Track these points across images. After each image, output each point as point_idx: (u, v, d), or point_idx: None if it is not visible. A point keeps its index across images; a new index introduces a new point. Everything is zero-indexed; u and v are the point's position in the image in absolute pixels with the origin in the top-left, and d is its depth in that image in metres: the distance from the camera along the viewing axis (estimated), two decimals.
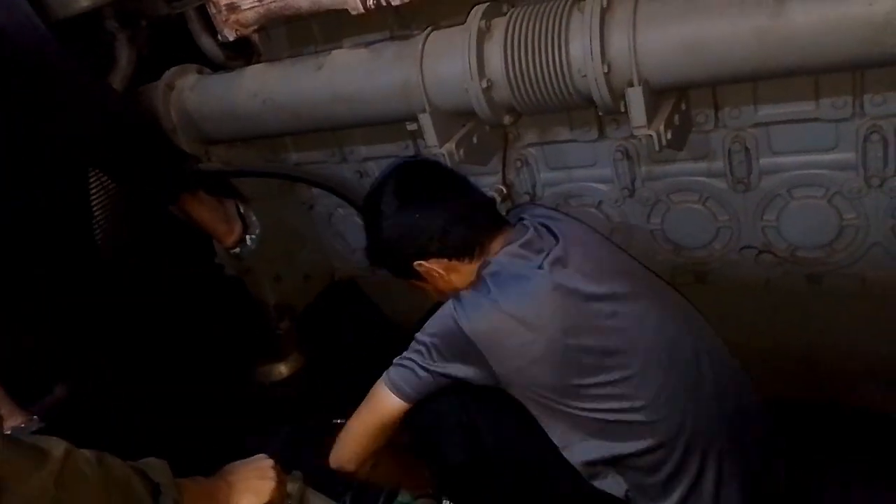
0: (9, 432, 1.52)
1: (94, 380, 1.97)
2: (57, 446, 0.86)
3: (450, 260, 1.38)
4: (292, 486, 1.34)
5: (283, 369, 2.23)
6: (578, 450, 1.35)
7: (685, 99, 1.51)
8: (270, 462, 1.20)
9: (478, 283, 1.34)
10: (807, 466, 1.54)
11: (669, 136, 1.40)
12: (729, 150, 1.57)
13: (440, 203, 1.39)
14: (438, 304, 1.39)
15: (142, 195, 1.93)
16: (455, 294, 1.35)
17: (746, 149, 1.55)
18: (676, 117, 1.46)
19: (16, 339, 1.68)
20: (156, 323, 2.02)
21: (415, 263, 1.39)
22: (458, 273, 1.39)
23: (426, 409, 1.39)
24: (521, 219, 1.47)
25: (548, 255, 1.33)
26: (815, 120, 1.45)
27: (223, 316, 2.16)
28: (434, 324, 1.35)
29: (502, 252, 1.36)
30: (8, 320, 1.62)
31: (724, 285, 1.73)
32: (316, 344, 2.31)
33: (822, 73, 1.37)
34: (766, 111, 1.49)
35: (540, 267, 1.31)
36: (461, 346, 1.30)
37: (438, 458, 1.49)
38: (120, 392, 1.99)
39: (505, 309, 1.27)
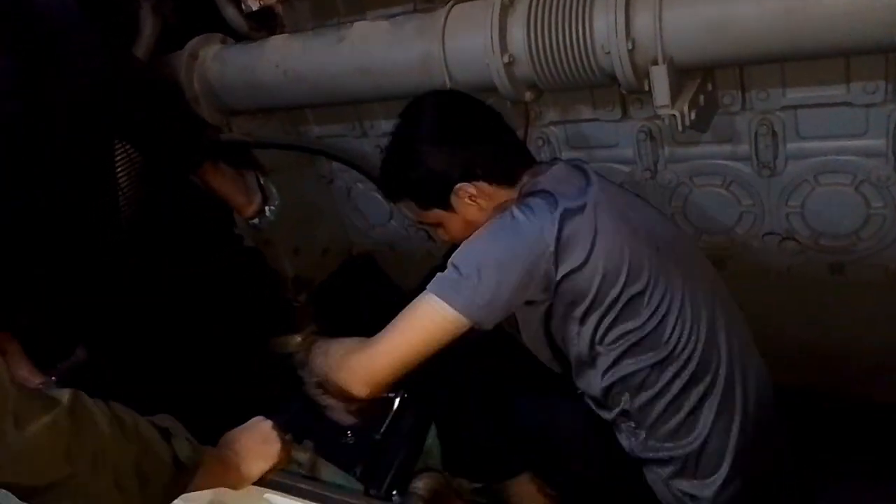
0: None
1: (112, 345, 2.00)
2: (62, 392, 0.89)
3: (491, 184, 1.33)
4: (303, 456, 1.35)
5: (298, 341, 2.24)
6: (597, 374, 1.34)
7: (711, 79, 1.48)
8: (269, 423, 1.21)
9: (528, 198, 1.30)
10: (811, 462, 1.52)
11: (693, 116, 1.37)
12: (755, 134, 1.54)
13: (483, 128, 1.36)
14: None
15: (164, 164, 1.94)
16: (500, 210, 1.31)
17: (773, 132, 1.52)
18: (701, 98, 1.43)
19: (37, 304, 1.71)
20: (174, 290, 2.04)
21: (457, 187, 1.32)
22: (493, 200, 1.34)
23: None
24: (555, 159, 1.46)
25: (588, 184, 1.32)
26: (845, 105, 1.42)
27: (241, 286, 2.17)
28: (488, 241, 1.27)
29: (547, 175, 1.33)
30: (30, 286, 1.64)
31: (744, 271, 1.70)
32: (332, 318, 2.31)
33: (854, 56, 1.33)
34: (795, 94, 1.45)
35: (588, 186, 1.31)
36: (531, 248, 1.23)
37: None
38: (137, 358, 2.02)
39: (572, 207, 1.25)
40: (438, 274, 1.28)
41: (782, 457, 1.44)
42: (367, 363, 1.30)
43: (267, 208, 2.00)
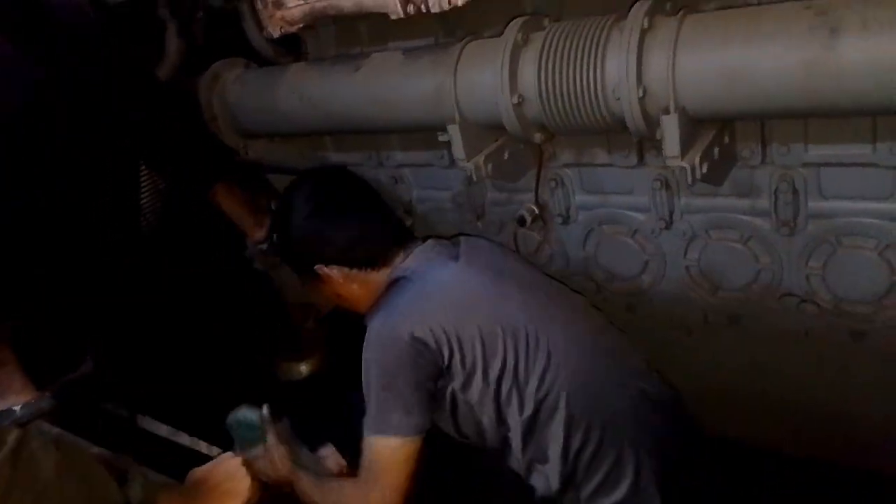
0: (17, 408, 1.55)
1: (119, 359, 2.01)
2: (10, 432, 0.87)
3: (350, 269, 1.45)
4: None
5: (302, 369, 2.22)
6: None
7: (729, 131, 1.42)
8: (238, 460, 1.18)
9: (390, 291, 1.42)
10: None
11: (705, 169, 1.31)
12: (775, 190, 1.46)
13: (349, 215, 1.47)
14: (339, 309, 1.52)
15: (177, 183, 1.95)
16: (368, 311, 1.44)
17: (794, 189, 1.44)
18: (716, 150, 1.37)
19: (40, 309, 1.72)
20: (182, 306, 2.05)
21: (315, 267, 1.46)
22: (358, 281, 1.46)
23: None
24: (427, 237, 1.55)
25: (454, 257, 1.44)
26: (871, 165, 1.34)
27: (247, 308, 2.16)
28: (371, 367, 1.37)
29: (414, 255, 1.45)
30: (30, 288, 1.65)
31: (759, 332, 1.62)
32: (339, 345, 2.29)
33: (880, 116, 1.26)
34: (818, 151, 1.38)
35: (449, 262, 1.42)
36: (406, 352, 1.33)
37: None
38: (141, 373, 2.02)
39: (427, 301, 1.36)
40: (364, 418, 1.38)
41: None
42: None
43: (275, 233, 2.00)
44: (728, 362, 1.72)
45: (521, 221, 1.74)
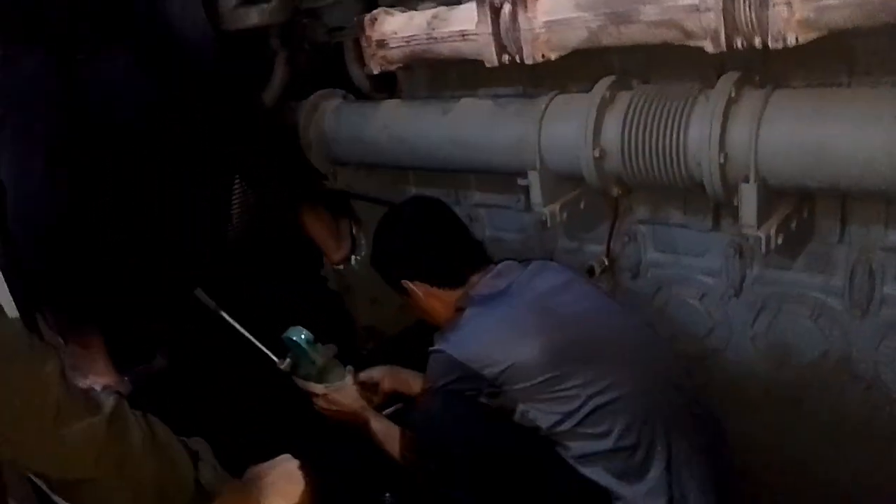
0: (98, 387, 1.65)
1: (191, 361, 2.11)
2: (108, 398, 0.94)
3: (431, 286, 1.55)
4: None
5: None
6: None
7: (808, 206, 1.42)
8: (296, 463, 1.22)
9: (458, 315, 1.52)
10: None
11: (780, 241, 1.32)
12: (851, 270, 1.45)
13: (435, 238, 1.57)
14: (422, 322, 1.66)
15: (270, 200, 2.07)
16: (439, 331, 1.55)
17: (871, 272, 1.43)
18: (794, 223, 1.38)
19: (127, 300, 1.83)
20: (253, 321, 2.14)
21: (402, 281, 1.57)
22: (437, 298, 1.57)
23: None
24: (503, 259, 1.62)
25: (523, 280, 1.50)
26: None
27: (318, 324, 2.24)
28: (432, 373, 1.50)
29: (483, 282, 1.53)
30: (121, 281, 1.76)
31: (821, 413, 1.58)
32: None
33: None
34: None
35: (509, 287, 1.49)
36: (457, 370, 1.42)
37: (440, 450, 1.50)
38: (210, 377, 2.11)
39: (484, 334, 1.44)
40: None
41: None
42: None
43: (353, 257, 2.08)
44: (786, 441, 1.68)
45: (591, 272, 1.76)
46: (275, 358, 1.77)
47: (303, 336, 1.73)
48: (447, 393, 1.45)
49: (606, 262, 1.79)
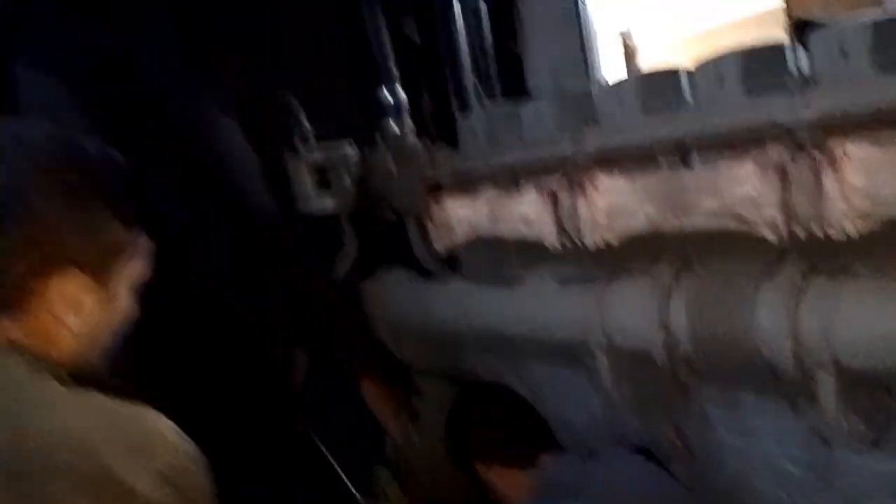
0: None
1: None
2: None
3: (502, 467, 1.68)
4: None
5: None
6: None
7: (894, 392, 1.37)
8: None
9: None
10: None
11: (862, 428, 1.26)
12: None
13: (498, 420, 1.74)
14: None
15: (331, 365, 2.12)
16: None
17: None
18: (878, 410, 1.32)
19: None
20: None
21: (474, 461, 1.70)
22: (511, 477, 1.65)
23: None
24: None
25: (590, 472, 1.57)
26: None
27: None
28: None
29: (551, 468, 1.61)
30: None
31: None
32: None
33: None
34: None
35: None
36: None
37: None
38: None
39: None
40: None
41: None
42: None
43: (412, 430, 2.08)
44: None
45: (661, 456, 1.70)
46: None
47: None
48: None
49: (679, 444, 1.73)
